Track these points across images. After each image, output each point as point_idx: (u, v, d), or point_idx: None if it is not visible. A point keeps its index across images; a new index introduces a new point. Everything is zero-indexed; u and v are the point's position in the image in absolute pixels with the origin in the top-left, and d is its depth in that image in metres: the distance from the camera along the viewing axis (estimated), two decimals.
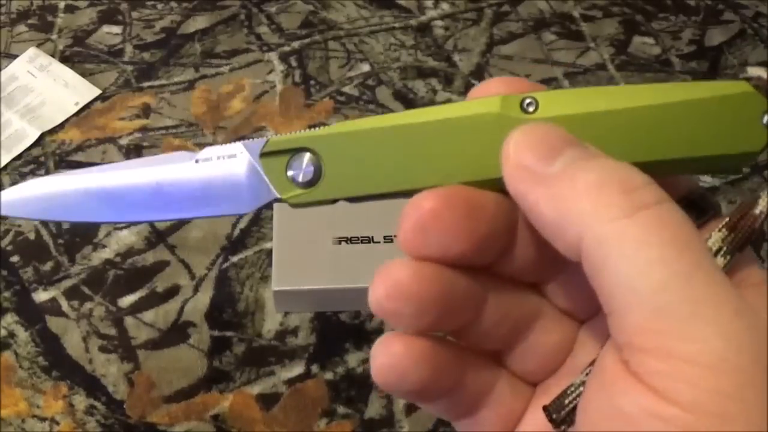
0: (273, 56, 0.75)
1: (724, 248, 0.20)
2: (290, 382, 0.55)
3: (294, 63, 0.74)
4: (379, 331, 0.56)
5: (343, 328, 0.57)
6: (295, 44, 0.76)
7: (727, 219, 0.21)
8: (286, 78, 0.73)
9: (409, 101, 0.71)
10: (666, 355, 0.17)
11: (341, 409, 0.54)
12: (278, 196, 0.23)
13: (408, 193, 0.22)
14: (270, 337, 0.57)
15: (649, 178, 0.19)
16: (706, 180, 0.66)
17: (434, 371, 0.22)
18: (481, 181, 0.21)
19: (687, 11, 0.80)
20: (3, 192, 0.24)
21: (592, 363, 0.21)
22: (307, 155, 0.23)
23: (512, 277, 0.23)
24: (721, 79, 0.74)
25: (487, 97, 0.22)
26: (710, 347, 0.17)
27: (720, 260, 0.20)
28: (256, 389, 0.54)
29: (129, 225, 0.62)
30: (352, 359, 0.56)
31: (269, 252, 0.59)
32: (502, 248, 0.22)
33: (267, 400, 0.54)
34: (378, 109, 0.71)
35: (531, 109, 0.21)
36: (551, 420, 0.21)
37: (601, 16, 0.80)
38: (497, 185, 0.21)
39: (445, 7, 0.80)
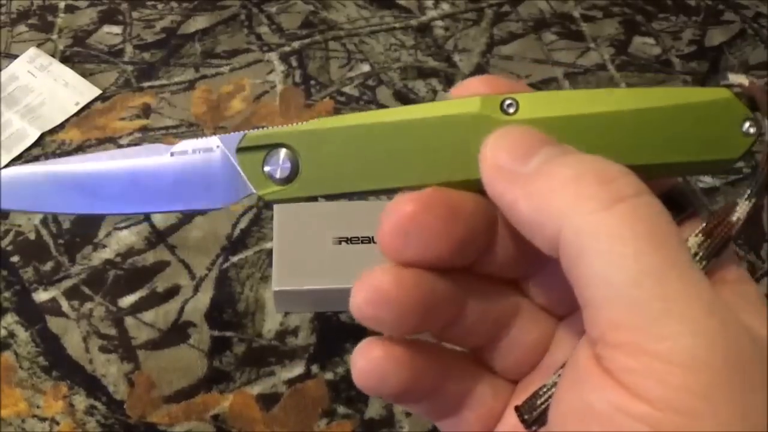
0: (273, 56, 0.75)
1: (701, 254, 0.20)
2: (290, 382, 0.55)
3: (294, 63, 0.74)
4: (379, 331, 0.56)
5: (343, 328, 0.57)
6: (296, 44, 0.76)
7: (704, 225, 0.21)
8: (287, 78, 0.73)
9: (409, 101, 0.71)
10: (637, 352, 0.17)
11: (341, 409, 0.54)
12: (254, 191, 0.23)
13: (386, 192, 0.22)
14: (270, 337, 0.57)
15: (627, 169, 0.19)
16: (707, 180, 0.66)
17: (414, 374, 0.22)
18: (460, 182, 0.21)
19: (687, 11, 0.80)
20: None
21: (564, 364, 0.21)
22: (284, 151, 0.22)
23: (492, 275, 0.23)
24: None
25: (468, 97, 0.22)
26: (681, 345, 0.17)
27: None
28: (256, 389, 0.54)
29: (106, 217, 0.62)
30: None
31: (269, 252, 0.59)
32: (482, 248, 0.22)
33: (267, 400, 0.54)
34: (378, 109, 0.71)
35: (511, 110, 0.21)
36: (523, 420, 0.21)
37: (601, 16, 0.80)
38: (476, 186, 0.21)
39: (446, 7, 0.80)
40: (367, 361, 0.22)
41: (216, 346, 0.56)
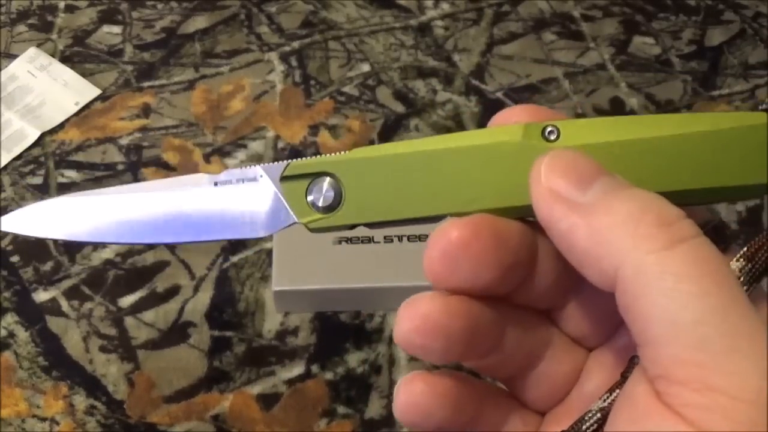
0: (273, 56, 0.75)
1: (742, 278, 0.21)
2: (290, 382, 0.55)
3: (294, 63, 0.74)
4: (379, 330, 0.56)
5: (343, 328, 0.57)
6: (295, 44, 0.76)
7: (745, 249, 0.21)
8: (286, 78, 0.73)
9: (409, 101, 0.71)
10: (703, 388, 0.17)
11: (341, 409, 0.54)
12: (297, 220, 0.23)
13: (429, 220, 0.22)
14: (270, 337, 0.57)
15: (683, 212, 0.19)
16: None
17: (455, 408, 0.22)
18: (502, 209, 0.22)
19: (687, 11, 0.80)
20: (17, 212, 0.24)
21: (609, 390, 0.21)
22: (328, 180, 0.23)
23: (527, 305, 0.23)
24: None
25: (509, 125, 0.22)
26: (748, 381, 0.17)
27: None
28: (256, 389, 0.54)
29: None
30: (352, 359, 0.56)
31: (269, 252, 0.59)
32: (522, 277, 0.22)
33: (267, 400, 0.54)
34: (378, 109, 0.71)
35: (553, 137, 0.21)
36: None
37: (601, 16, 0.80)
38: (517, 213, 0.21)
39: (445, 7, 0.80)
40: (411, 396, 0.22)
41: (216, 346, 0.56)
